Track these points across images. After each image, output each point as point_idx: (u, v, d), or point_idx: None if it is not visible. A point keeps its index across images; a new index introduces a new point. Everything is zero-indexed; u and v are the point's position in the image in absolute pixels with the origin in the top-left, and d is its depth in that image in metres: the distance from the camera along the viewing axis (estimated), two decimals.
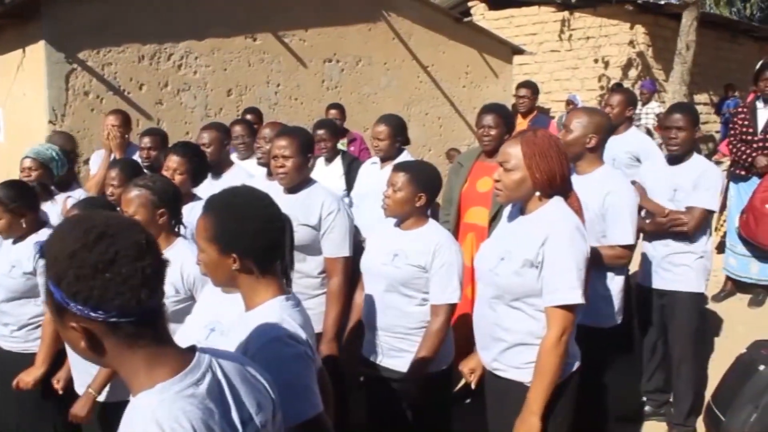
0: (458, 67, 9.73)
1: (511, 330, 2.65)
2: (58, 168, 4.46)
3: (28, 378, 3.36)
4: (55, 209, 4.17)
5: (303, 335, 1.90)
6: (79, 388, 3.18)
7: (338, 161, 5.43)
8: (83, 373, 3.10)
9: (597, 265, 3.21)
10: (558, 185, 2.64)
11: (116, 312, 1.30)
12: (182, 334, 2.28)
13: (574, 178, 3.03)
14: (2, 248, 3.64)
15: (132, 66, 6.65)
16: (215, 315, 2.25)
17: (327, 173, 5.36)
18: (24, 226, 3.47)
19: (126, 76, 6.61)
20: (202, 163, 4.01)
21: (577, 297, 2.51)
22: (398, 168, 3.24)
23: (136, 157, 4.89)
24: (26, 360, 3.41)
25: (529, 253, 2.56)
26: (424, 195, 3.15)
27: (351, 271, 3.57)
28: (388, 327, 3.21)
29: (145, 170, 4.39)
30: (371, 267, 3.27)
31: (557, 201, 2.64)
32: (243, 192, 2.03)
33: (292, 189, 3.58)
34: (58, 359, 3.35)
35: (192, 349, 1.43)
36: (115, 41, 6.49)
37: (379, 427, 3.32)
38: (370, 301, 3.27)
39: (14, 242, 3.52)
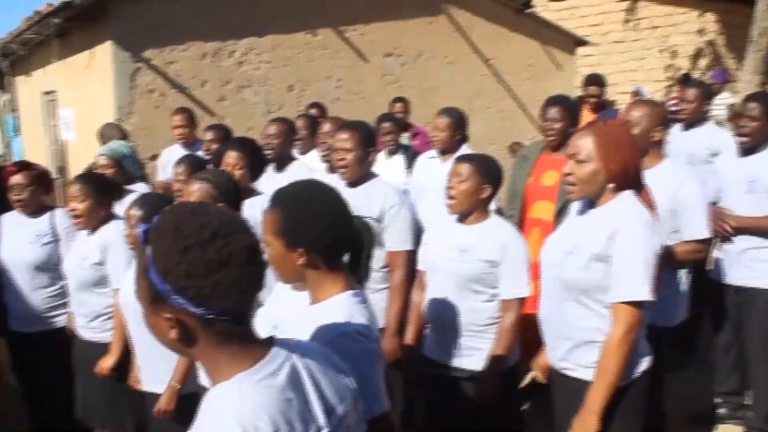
0: (520, 59, 9.57)
1: (578, 327, 2.56)
2: (131, 165, 4.57)
3: (105, 364, 3.47)
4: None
5: (372, 331, 1.85)
6: (149, 384, 3.22)
7: (400, 155, 5.38)
8: (154, 369, 3.14)
9: (670, 262, 3.08)
10: (631, 177, 2.53)
11: (218, 310, 1.30)
12: None
13: None
14: (76, 240, 3.76)
15: (195, 64, 6.74)
16: (278, 313, 2.22)
17: (389, 167, 5.31)
18: (102, 214, 3.57)
19: (189, 73, 6.71)
20: (259, 157, 4.01)
21: (645, 293, 2.40)
22: (462, 159, 3.17)
23: (201, 153, 4.95)
24: (103, 349, 3.53)
25: (597, 247, 2.46)
26: (489, 187, 3.08)
27: (414, 266, 3.51)
28: (459, 325, 3.13)
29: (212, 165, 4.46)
30: (437, 264, 3.20)
31: (629, 194, 2.53)
32: (310, 185, 1.99)
33: (354, 183, 3.54)
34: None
35: (271, 341, 1.42)
36: (178, 40, 6.59)
37: (442, 427, 3.25)
38: (436, 299, 3.19)
39: (89, 233, 3.61)
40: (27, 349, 3.98)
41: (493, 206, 4.48)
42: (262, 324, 2.23)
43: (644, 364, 2.58)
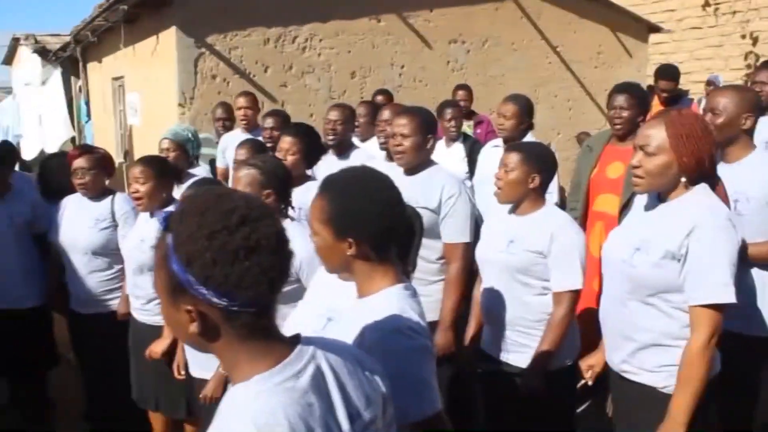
0: (589, 46, 9.26)
1: (645, 329, 2.41)
2: (194, 149, 4.60)
3: (156, 348, 3.49)
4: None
5: (423, 327, 1.76)
6: (196, 369, 3.23)
7: (459, 144, 5.28)
8: (200, 355, 3.07)
9: (757, 261, 2.89)
10: (706, 170, 2.36)
11: (244, 301, 1.22)
12: (297, 322, 2.20)
13: (723, 167, 2.72)
14: (138, 222, 3.80)
15: (257, 49, 6.74)
16: (332, 303, 2.14)
17: (448, 156, 5.21)
18: (163, 197, 3.58)
19: (251, 59, 6.71)
20: (315, 143, 3.96)
21: (729, 295, 2.24)
22: (509, 149, 3.06)
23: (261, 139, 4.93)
24: (158, 332, 3.54)
25: (672, 244, 2.30)
26: (537, 175, 2.96)
27: (471, 259, 3.39)
28: (508, 320, 3.02)
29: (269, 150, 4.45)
30: (486, 256, 3.09)
31: (704, 188, 2.36)
32: (362, 172, 1.90)
33: (412, 170, 3.46)
34: None
35: (296, 339, 1.33)
36: (241, 25, 6.60)
37: (498, 424, 3.14)
38: (487, 293, 3.09)
39: (150, 216, 3.62)
40: (84, 330, 4.05)
41: (554, 199, 4.36)
42: (315, 313, 2.18)
43: (716, 367, 2.41)
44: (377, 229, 1.78)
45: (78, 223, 3.96)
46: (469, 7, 8.10)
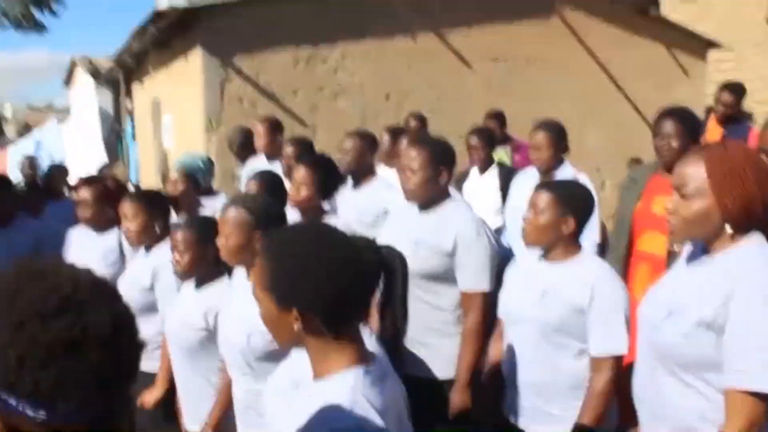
0: (642, 65, 8.76)
1: (676, 408, 1.99)
2: (205, 178, 4.42)
3: (149, 398, 3.28)
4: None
5: (381, 425, 1.40)
6: (190, 422, 3.01)
7: (493, 173, 4.91)
8: (194, 407, 2.94)
9: None
10: (758, 216, 1.93)
11: (66, 412, 0.93)
12: (271, 385, 1.92)
13: None
14: (134, 260, 3.62)
15: (287, 71, 6.51)
16: (302, 365, 1.81)
17: (481, 185, 4.87)
18: (155, 232, 3.42)
19: (280, 81, 6.48)
20: (332, 175, 3.68)
21: None
22: (539, 187, 2.67)
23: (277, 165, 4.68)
24: (150, 379, 3.31)
25: (707, 311, 1.88)
26: (571, 218, 2.57)
27: (491, 309, 3.01)
28: (535, 385, 2.63)
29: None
30: (514, 310, 2.70)
31: (756, 239, 1.93)
32: (308, 229, 1.63)
33: (425, 207, 3.12)
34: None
35: None
36: (269, 46, 6.39)
37: None
38: (512, 352, 2.70)
39: (146, 253, 3.46)
40: None
41: (594, 237, 3.93)
42: (282, 381, 1.87)
43: None
44: (326, 297, 1.46)
45: (86, 255, 3.78)
46: (512, 25, 7.73)
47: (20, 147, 12.66)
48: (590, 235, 3.95)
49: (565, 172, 4.06)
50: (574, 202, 2.61)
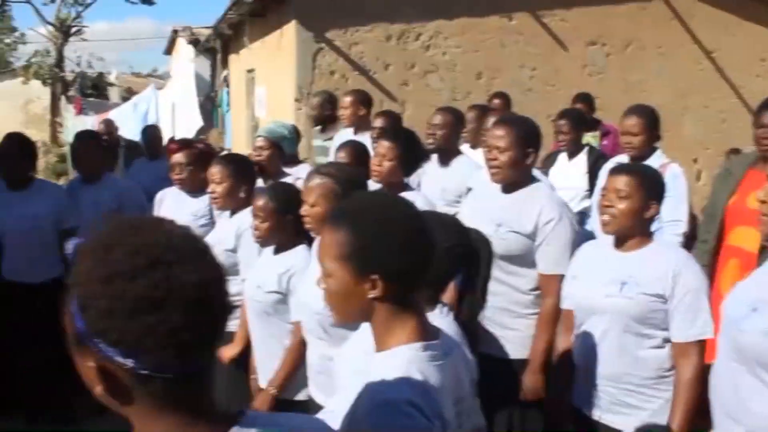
0: (751, 52, 8.30)
1: (752, 412, 1.92)
2: (290, 146, 4.45)
3: (226, 354, 3.35)
4: None
5: (433, 402, 1.40)
6: (263, 381, 3.07)
7: (583, 157, 4.79)
8: (267, 367, 2.99)
9: None
10: None
11: (150, 365, 0.98)
12: (344, 357, 1.99)
13: None
14: (218, 223, 3.75)
15: (379, 46, 6.51)
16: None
17: (569, 170, 4.78)
18: (241, 197, 3.46)
19: (372, 55, 6.49)
20: (415, 150, 3.66)
21: None
22: (618, 171, 2.60)
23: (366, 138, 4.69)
24: (229, 337, 3.38)
25: None
26: (655, 204, 2.51)
27: None
28: (614, 376, 2.58)
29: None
30: (589, 301, 2.64)
31: None
32: (382, 199, 1.65)
33: (509, 188, 3.09)
34: None
35: (235, 418, 1.06)
36: (363, 20, 6.40)
37: None
38: (585, 343, 2.65)
39: (230, 217, 3.54)
40: None
41: (682, 229, 3.81)
42: (362, 349, 1.91)
43: None
44: (406, 262, 1.49)
45: (176, 218, 3.89)
46: (612, 6, 7.47)
47: (120, 110, 13.20)
48: (676, 226, 3.84)
49: (657, 160, 3.93)
50: (657, 188, 2.56)
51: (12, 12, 24.04)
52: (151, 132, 6.71)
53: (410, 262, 1.49)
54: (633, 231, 2.55)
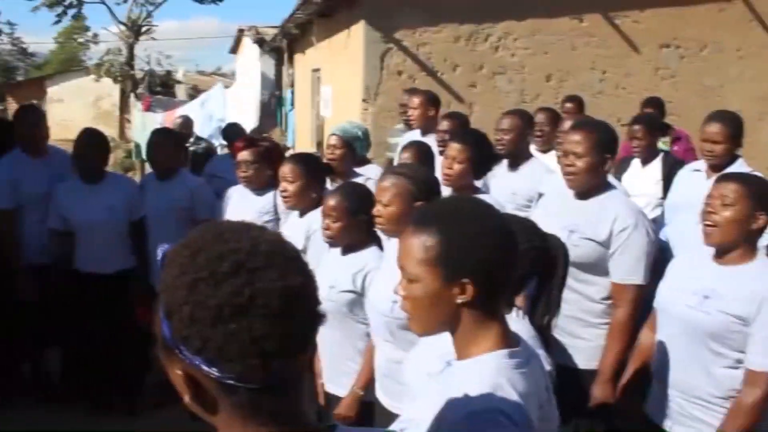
0: None
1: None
2: (362, 147, 4.45)
3: None
4: None
5: (522, 410, 1.37)
6: (332, 385, 3.03)
7: (657, 163, 4.66)
8: (337, 371, 2.95)
9: None
10: None
11: (234, 374, 0.96)
12: (416, 361, 1.97)
13: None
14: (287, 222, 3.73)
15: (447, 46, 6.47)
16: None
17: (642, 176, 4.65)
18: (312, 197, 3.46)
19: (440, 56, 6.46)
20: (486, 153, 3.61)
21: None
22: (728, 178, 2.49)
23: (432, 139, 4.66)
24: None
25: None
26: (764, 216, 2.38)
27: (644, 303, 2.88)
28: (685, 387, 2.49)
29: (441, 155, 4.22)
30: (671, 306, 2.56)
31: None
32: (466, 202, 1.59)
33: (584, 194, 3.02)
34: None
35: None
36: (431, 21, 6.37)
37: None
38: (664, 348, 2.57)
39: (300, 216, 3.53)
40: None
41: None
42: (436, 354, 1.89)
43: None
44: (497, 265, 1.45)
45: (241, 215, 3.93)
46: (688, 8, 7.25)
47: (187, 108, 13.46)
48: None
49: (738, 169, 3.78)
50: (766, 198, 2.41)
51: (85, 12, 24.81)
52: (233, 130, 6.69)
53: (501, 266, 1.45)
54: (736, 242, 2.42)
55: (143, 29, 23.35)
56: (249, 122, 12.00)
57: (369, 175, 4.33)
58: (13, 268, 4.33)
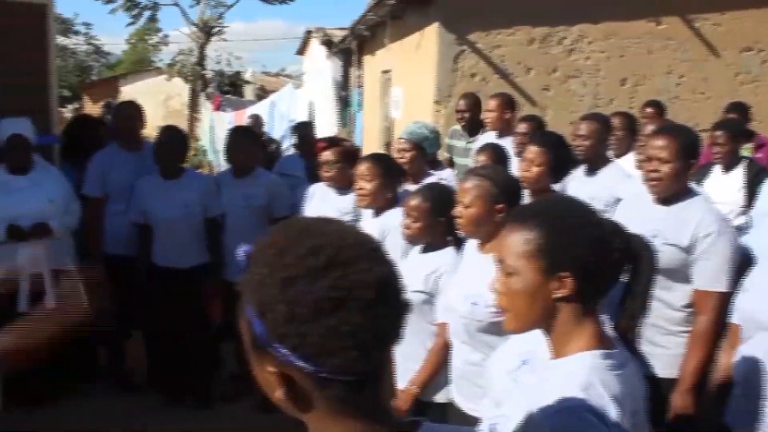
0: None
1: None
2: (432, 148, 4.47)
3: None
4: None
5: (614, 412, 1.36)
6: (399, 381, 3.04)
7: (740, 170, 4.54)
8: (402, 367, 2.96)
9: None
10: None
11: (331, 368, 0.96)
12: (498, 358, 1.99)
13: None
14: (361, 221, 3.77)
15: (521, 49, 6.43)
16: (530, 343, 1.81)
17: (724, 183, 4.54)
18: (387, 197, 3.48)
19: (514, 59, 6.42)
20: (565, 156, 3.58)
21: None
22: None
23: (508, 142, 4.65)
24: None
25: None
26: None
27: (726, 311, 2.81)
28: None
29: (515, 157, 4.20)
30: (757, 314, 2.50)
31: None
32: (564, 199, 1.68)
33: (666, 200, 2.96)
34: None
35: (412, 426, 1.04)
36: (505, 23, 6.33)
37: None
38: (749, 358, 2.51)
39: (374, 215, 3.56)
40: None
41: None
42: (514, 351, 1.90)
43: None
44: (597, 260, 1.47)
45: (322, 214, 3.98)
46: None
47: (257, 107, 13.69)
48: None
49: None
50: None
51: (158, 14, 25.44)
52: (305, 129, 6.72)
53: (601, 261, 1.47)
54: None
55: (214, 30, 23.81)
56: (327, 124, 12.15)
57: (442, 176, 4.35)
58: (90, 254, 4.51)
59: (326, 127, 11.94)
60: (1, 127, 4.25)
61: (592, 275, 1.47)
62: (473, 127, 5.45)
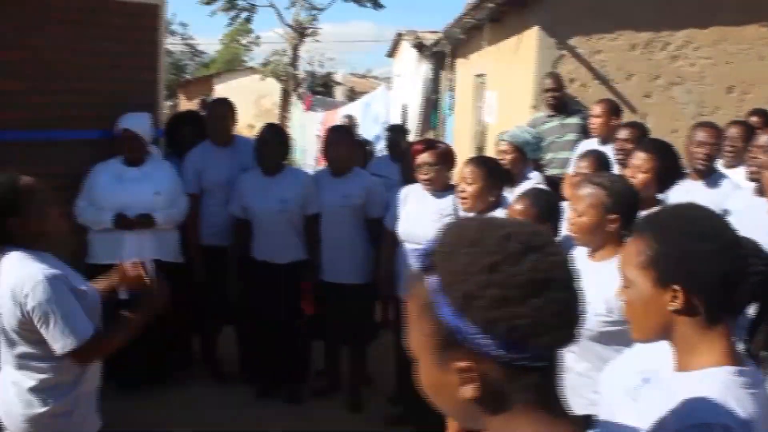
0: None
1: None
2: (533, 151, 4.45)
3: None
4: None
5: (751, 430, 1.31)
6: None
7: None
8: None
9: None
10: None
11: (533, 352, 0.96)
12: (612, 375, 1.92)
13: None
14: None
15: (622, 54, 6.26)
16: (651, 360, 1.76)
17: None
18: (490, 200, 3.48)
19: (615, 64, 6.26)
20: (673, 165, 3.47)
21: None
22: None
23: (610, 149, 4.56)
24: None
25: None
26: None
27: None
28: None
29: (618, 164, 4.11)
30: None
31: None
32: (689, 209, 1.56)
33: None
34: None
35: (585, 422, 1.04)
36: (607, 28, 6.18)
37: None
38: None
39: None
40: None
41: None
42: (633, 369, 1.85)
43: None
44: (710, 274, 1.41)
45: (421, 215, 4.01)
46: None
47: (350, 108, 13.85)
48: None
49: None
50: None
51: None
52: (398, 132, 6.63)
53: (715, 275, 1.41)
54: None
55: (308, 31, 24.24)
56: (410, 125, 12.19)
57: (531, 178, 4.32)
58: (189, 248, 4.67)
59: (417, 129, 11.96)
60: (120, 121, 4.47)
61: (708, 288, 1.42)
62: (563, 105, 5.43)
